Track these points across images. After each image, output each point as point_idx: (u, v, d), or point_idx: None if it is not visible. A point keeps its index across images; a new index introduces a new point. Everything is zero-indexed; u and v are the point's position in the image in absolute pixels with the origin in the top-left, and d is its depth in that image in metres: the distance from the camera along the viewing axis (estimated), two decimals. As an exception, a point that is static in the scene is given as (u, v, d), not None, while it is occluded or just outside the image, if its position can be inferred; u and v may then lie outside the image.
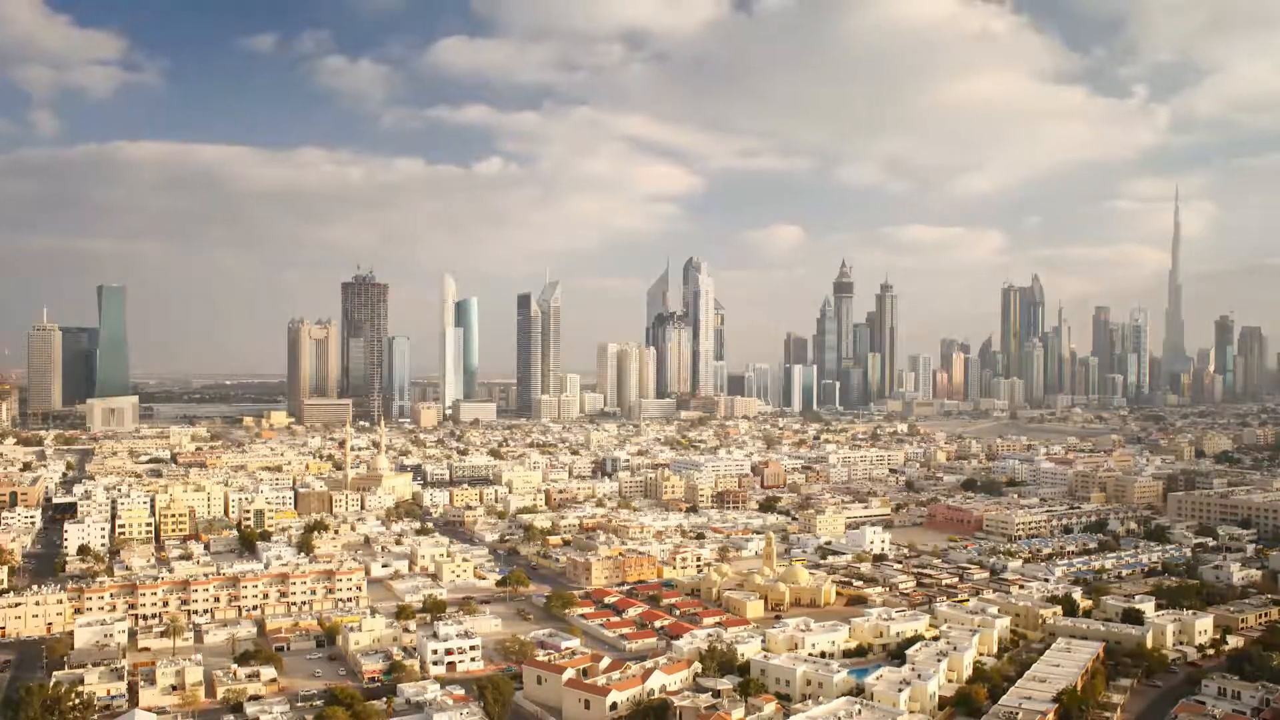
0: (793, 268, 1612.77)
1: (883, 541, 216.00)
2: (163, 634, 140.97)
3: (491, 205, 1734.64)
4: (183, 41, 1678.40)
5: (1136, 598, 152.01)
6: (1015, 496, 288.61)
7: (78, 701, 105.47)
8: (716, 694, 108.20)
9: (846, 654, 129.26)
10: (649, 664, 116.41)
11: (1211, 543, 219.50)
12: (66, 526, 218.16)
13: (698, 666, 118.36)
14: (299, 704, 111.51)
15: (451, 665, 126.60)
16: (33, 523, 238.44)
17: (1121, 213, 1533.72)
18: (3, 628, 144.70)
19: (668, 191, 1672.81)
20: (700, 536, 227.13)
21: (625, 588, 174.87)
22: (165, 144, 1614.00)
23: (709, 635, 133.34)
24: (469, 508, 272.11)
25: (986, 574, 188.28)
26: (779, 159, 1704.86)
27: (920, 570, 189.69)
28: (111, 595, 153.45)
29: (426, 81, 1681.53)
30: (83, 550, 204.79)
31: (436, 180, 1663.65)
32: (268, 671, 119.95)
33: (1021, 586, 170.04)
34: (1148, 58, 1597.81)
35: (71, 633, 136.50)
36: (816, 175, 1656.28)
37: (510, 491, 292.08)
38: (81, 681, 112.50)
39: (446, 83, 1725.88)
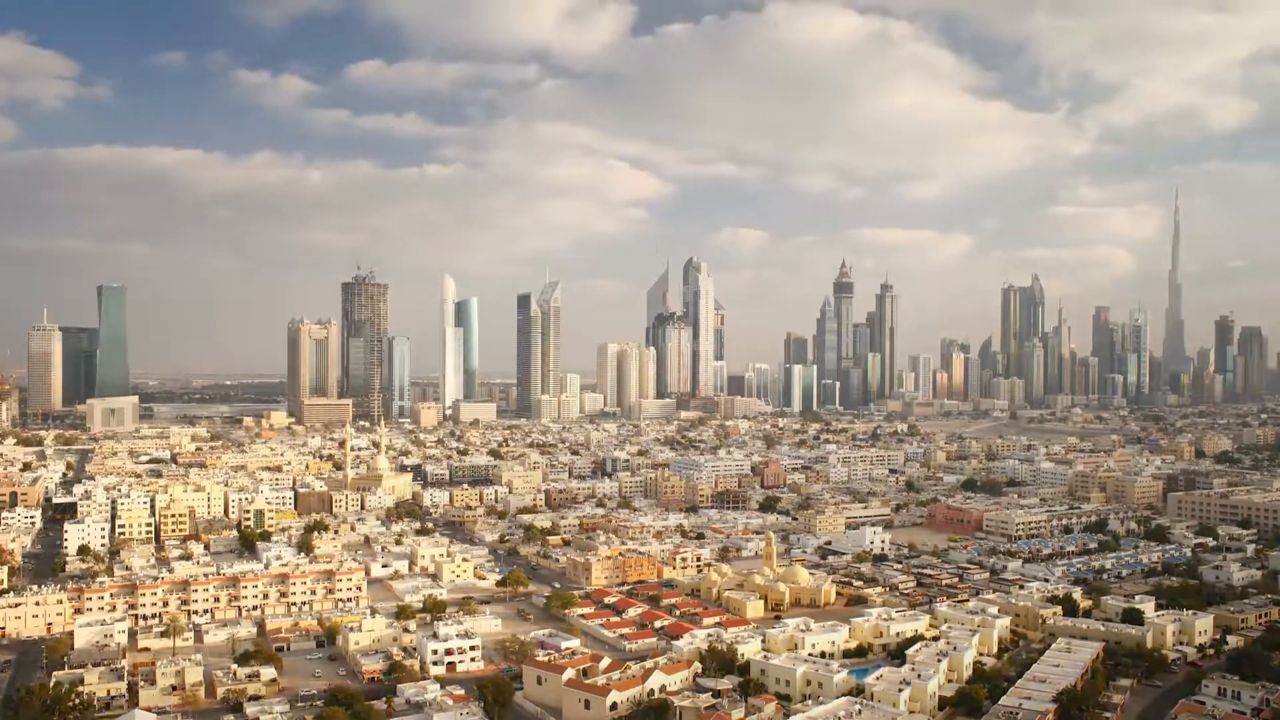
0: (759, 269, 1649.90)
1: (883, 541, 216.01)
2: (163, 634, 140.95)
3: (471, 209, 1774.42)
4: (104, 50, 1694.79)
5: (1136, 598, 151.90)
6: (1015, 496, 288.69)
7: (78, 701, 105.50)
8: (716, 694, 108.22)
9: (846, 654, 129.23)
10: (649, 664, 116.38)
11: (1211, 543, 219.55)
12: (66, 526, 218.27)
13: (698, 666, 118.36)
14: (299, 704, 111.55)
15: (451, 665, 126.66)
16: (33, 523, 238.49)
17: (1074, 216, 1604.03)
18: (3, 628, 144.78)
19: (638, 197, 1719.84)
20: (700, 536, 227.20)
21: (625, 588, 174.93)
22: (117, 148, 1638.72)
23: (709, 635, 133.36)
24: (469, 508, 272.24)
25: (986, 574, 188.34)
26: (736, 167, 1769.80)
27: (920, 570, 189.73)
28: (111, 595, 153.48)
29: (352, 95, 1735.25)
30: (83, 550, 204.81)
31: (396, 183, 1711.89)
32: (268, 671, 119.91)
33: (1021, 586, 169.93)
34: (1054, 77, 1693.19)
35: (71, 633, 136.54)
36: (771, 182, 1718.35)
37: (510, 491, 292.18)
38: (81, 681, 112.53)
39: (372, 97, 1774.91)
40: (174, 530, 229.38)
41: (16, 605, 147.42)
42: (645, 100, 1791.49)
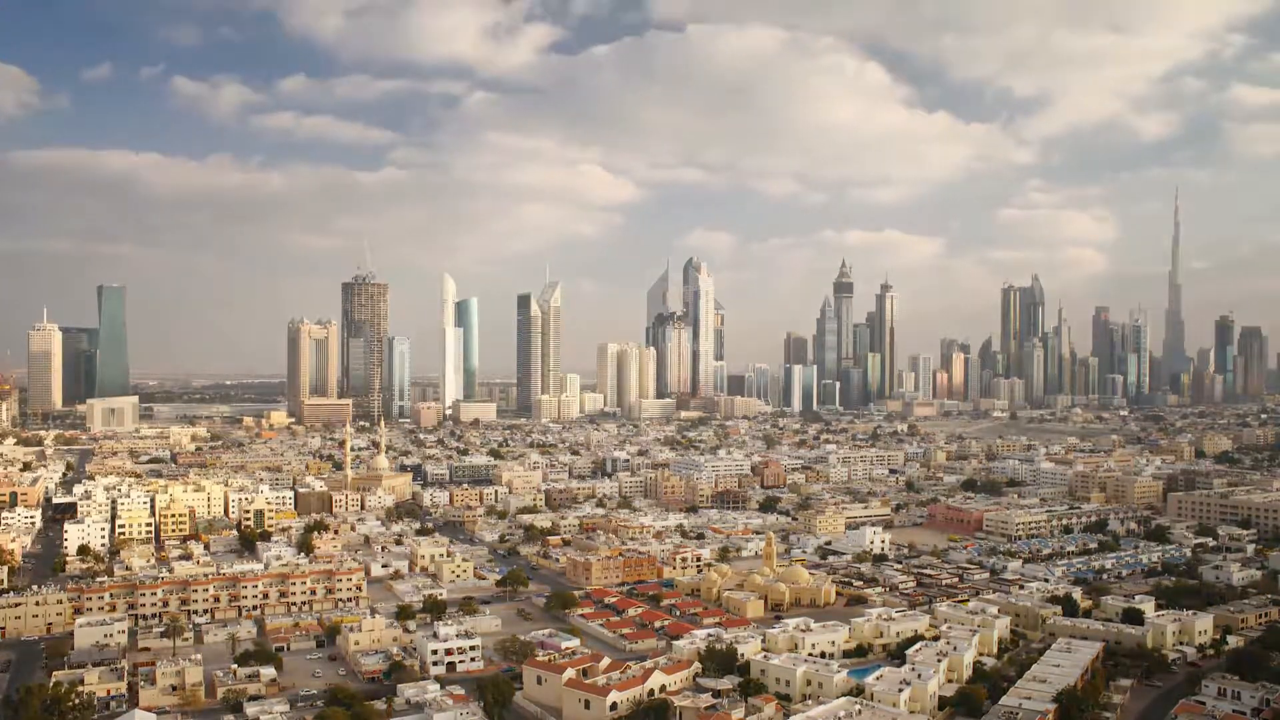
0: (737, 270, 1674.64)
1: (883, 541, 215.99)
2: (163, 634, 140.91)
3: (445, 212, 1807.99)
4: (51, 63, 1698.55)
5: (1136, 598, 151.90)
6: (1015, 496, 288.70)
7: (78, 701, 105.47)
8: (716, 694, 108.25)
9: (846, 654, 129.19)
10: (649, 664, 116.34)
11: (1211, 543, 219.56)
12: (66, 526, 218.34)
13: (698, 666, 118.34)
14: (299, 704, 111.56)
15: (451, 665, 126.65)
16: (33, 523, 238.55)
17: (1032, 219, 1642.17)
18: (3, 628, 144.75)
19: (614, 201, 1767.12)
20: (700, 536, 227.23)
21: (625, 588, 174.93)
22: (70, 150, 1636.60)
23: (709, 635, 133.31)
24: (469, 508, 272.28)
25: (986, 574, 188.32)
26: (703, 173, 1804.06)
27: (920, 570, 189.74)
28: (111, 595, 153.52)
29: (291, 103, 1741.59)
30: (83, 550, 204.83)
31: (358, 186, 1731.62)
32: (268, 671, 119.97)
33: (1021, 586, 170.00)
34: (980, 92, 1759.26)
35: (71, 633, 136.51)
36: (737, 188, 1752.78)
37: (510, 491, 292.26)
38: (81, 681, 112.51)
39: (310, 106, 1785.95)
40: (174, 530, 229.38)
41: (16, 605, 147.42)
42: (586, 113, 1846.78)
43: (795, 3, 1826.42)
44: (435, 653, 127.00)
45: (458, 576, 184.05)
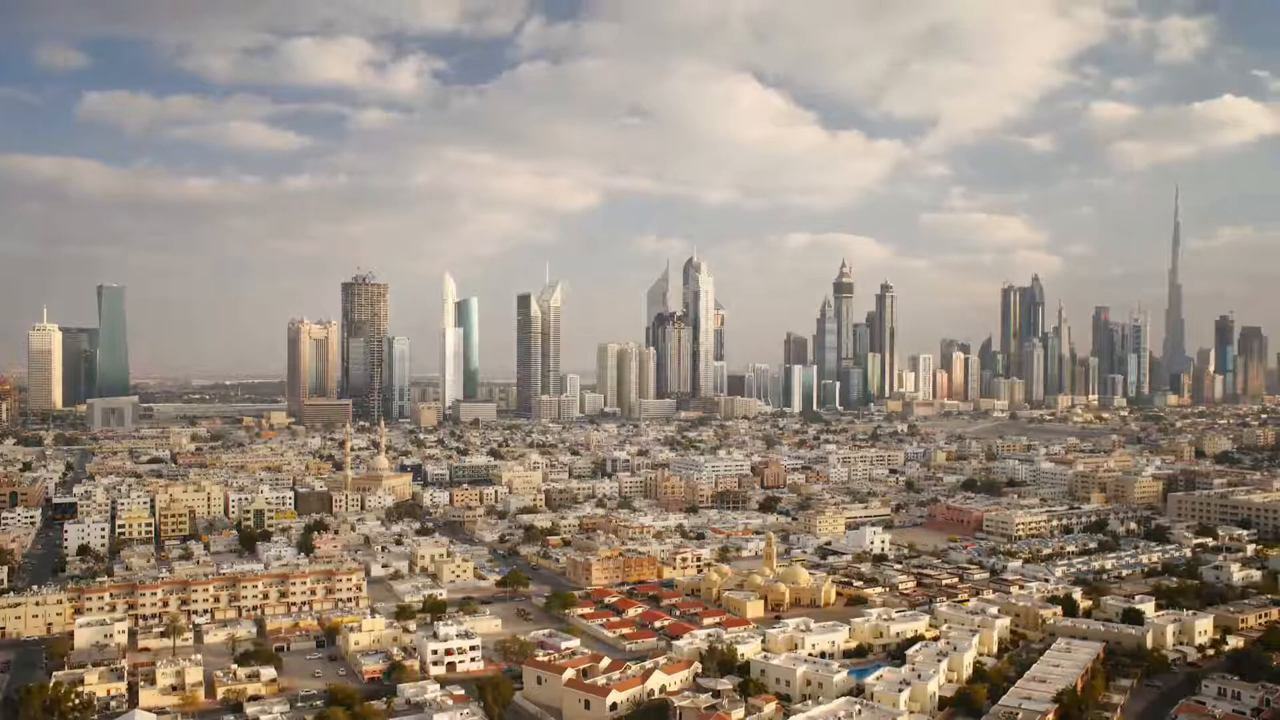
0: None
1: (883, 541, 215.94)
2: (163, 634, 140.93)
3: (429, 216, 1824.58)
4: None
5: (1136, 598, 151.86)
6: (1015, 496, 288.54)
7: (78, 701, 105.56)
8: (716, 694, 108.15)
9: (846, 654, 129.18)
10: (649, 664, 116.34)
11: (1211, 543, 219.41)
12: (66, 526, 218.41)
13: (698, 666, 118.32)
14: (299, 704, 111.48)
15: (451, 665, 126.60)
16: (33, 523, 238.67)
17: (960, 223, 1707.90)
18: (3, 628, 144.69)
19: (576, 208, 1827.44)
20: (700, 536, 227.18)
21: (625, 588, 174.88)
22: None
23: (709, 635, 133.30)
24: (469, 508, 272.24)
25: (986, 574, 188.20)
26: (653, 183, 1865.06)
27: (920, 570, 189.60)
28: (111, 595, 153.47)
29: (201, 115, 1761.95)
30: (83, 550, 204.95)
31: (306, 193, 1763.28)
32: (268, 671, 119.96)
33: (1021, 586, 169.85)
34: (867, 112, 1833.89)
35: (71, 633, 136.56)
36: (679, 196, 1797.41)
37: (510, 491, 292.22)
38: (81, 681, 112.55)
39: (218, 117, 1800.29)
40: (174, 530, 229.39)
41: (16, 605, 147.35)
42: (501, 133, 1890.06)
43: (670, 38, 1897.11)
44: (435, 653, 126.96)
45: (458, 576, 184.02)
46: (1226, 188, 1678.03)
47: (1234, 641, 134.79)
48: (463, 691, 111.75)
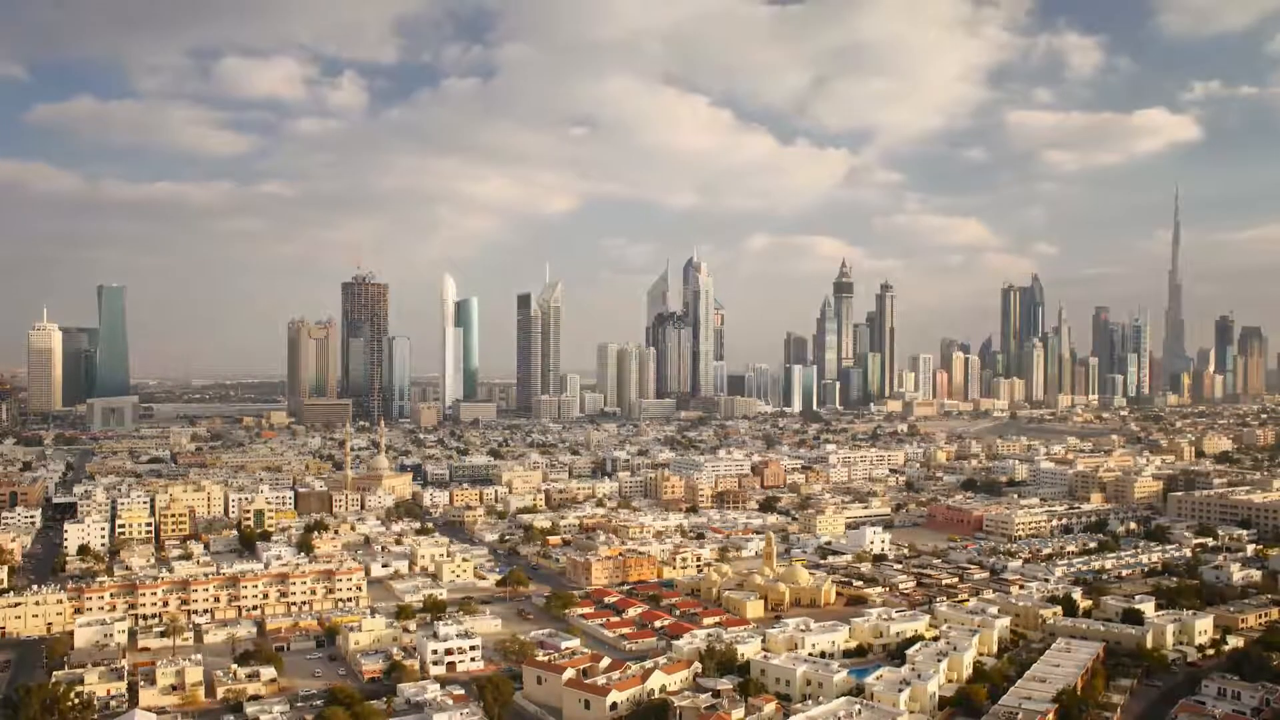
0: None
1: (883, 541, 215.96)
2: (163, 634, 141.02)
3: (407, 220, 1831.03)
4: None
5: (1136, 598, 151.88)
6: (1015, 496, 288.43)
7: (77, 701, 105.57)
8: (716, 694, 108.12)
9: (846, 654, 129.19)
10: (649, 664, 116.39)
11: (1211, 543, 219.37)
12: (66, 526, 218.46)
13: (698, 666, 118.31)
14: (299, 704, 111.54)
15: (451, 665, 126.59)
16: (33, 523, 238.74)
17: (918, 226, 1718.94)
18: (3, 627, 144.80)
19: (552, 211, 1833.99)
20: (700, 536, 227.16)
21: (625, 588, 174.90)
22: None
23: (709, 635, 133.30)
24: (469, 508, 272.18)
25: (986, 574, 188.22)
26: (623, 186, 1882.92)
27: (920, 570, 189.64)
28: (111, 595, 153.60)
29: (152, 119, 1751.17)
30: (83, 550, 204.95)
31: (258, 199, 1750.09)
32: (268, 671, 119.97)
33: (1021, 586, 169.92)
34: (804, 125, 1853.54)
35: (71, 633, 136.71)
36: (646, 202, 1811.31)
37: (510, 491, 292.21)
38: (81, 681, 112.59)
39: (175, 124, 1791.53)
40: (174, 530, 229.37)
41: (16, 605, 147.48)
42: (452, 142, 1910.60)
43: (591, 56, 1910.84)
44: (435, 653, 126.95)
45: (458, 576, 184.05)
46: (1160, 192, 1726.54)
47: (1234, 641, 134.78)
48: (463, 691, 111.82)
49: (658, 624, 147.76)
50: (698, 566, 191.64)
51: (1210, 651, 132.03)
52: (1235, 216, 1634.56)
